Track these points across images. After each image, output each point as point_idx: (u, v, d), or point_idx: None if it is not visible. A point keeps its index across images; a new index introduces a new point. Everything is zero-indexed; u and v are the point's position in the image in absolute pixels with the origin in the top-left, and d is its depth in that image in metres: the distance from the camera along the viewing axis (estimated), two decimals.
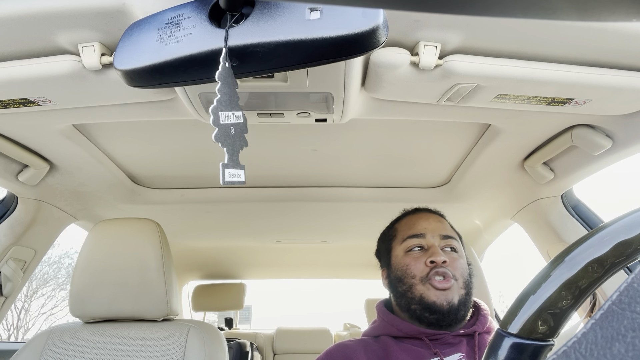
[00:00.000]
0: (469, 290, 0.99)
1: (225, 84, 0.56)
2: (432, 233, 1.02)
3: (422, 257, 0.99)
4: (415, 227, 1.04)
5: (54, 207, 1.48)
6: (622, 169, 47.96)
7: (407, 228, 1.06)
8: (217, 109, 0.56)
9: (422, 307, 0.95)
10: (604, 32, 0.70)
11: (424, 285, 0.96)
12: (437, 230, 1.03)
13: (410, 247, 1.01)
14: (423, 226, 1.04)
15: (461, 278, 0.97)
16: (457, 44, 0.73)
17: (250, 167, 1.39)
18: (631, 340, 0.23)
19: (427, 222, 1.05)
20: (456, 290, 0.95)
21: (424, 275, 0.96)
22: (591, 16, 0.24)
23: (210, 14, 0.59)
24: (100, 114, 0.93)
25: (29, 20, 0.66)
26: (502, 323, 0.38)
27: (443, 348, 0.93)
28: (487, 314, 1.02)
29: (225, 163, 0.55)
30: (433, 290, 0.94)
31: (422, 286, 0.96)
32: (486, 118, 0.99)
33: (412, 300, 0.97)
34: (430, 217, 1.07)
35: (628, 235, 0.34)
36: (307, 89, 0.80)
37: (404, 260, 1.01)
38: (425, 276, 0.96)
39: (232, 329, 3.35)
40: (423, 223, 1.05)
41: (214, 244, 2.29)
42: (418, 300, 0.95)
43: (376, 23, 0.53)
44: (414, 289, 0.97)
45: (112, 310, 1.15)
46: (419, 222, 1.05)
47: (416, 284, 0.96)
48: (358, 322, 3.51)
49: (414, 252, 1.01)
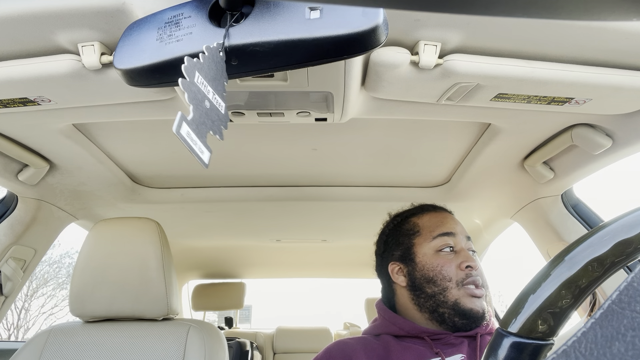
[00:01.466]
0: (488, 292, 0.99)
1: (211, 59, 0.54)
2: (460, 234, 1.00)
3: (454, 259, 0.96)
4: (445, 225, 1.01)
5: (54, 207, 1.48)
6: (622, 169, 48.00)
7: (434, 225, 1.02)
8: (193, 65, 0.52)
9: (454, 312, 0.93)
10: (604, 32, 0.70)
11: (459, 290, 0.93)
12: (462, 232, 1.01)
13: (442, 247, 0.98)
14: (451, 225, 1.01)
15: (486, 284, 0.97)
16: (457, 43, 0.73)
17: (250, 167, 1.39)
18: (631, 339, 0.23)
19: (453, 221, 1.03)
20: (484, 298, 0.95)
21: (459, 279, 0.94)
22: (591, 15, 0.24)
23: (210, 13, 0.59)
24: (100, 113, 0.93)
25: (29, 20, 0.66)
26: (502, 322, 0.38)
27: (445, 348, 0.93)
28: (489, 315, 1.01)
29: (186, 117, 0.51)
30: (469, 297, 0.93)
31: (457, 291, 0.93)
32: (486, 117, 0.99)
33: (444, 303, 0.94)
34: (452, 217, 1.05)
35: (628, 235, 0.34)
36: (307, 88, 0.80)
37: (435, 260, 0.97)
38: (461, 281, 0.94)
39: (232, 329, 3.36)
40: (450, 222, 1.02)
41: (214, 243, 2.29)
42: (452, 304, 0.93)
43: (376, 22, 0.53)
44: (449, 293, 0.94)
45: (112, 309, 1.15)
46: (447, 221, 1.02)
47: (452, 288, 0.94)
48: (358, 321, 3.52)
49: (445, 253, 0.98)
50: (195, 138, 0.51)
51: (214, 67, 0.55)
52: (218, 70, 0.56)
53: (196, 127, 0.52)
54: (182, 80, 0.51)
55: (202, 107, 0.53)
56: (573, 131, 1.04)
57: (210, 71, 0.55)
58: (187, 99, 0.51)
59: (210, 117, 0.55)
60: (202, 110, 0.53)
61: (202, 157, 0.52)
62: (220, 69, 0.56)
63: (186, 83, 0.51)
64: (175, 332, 1.15)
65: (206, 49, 0.54)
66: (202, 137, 0.53)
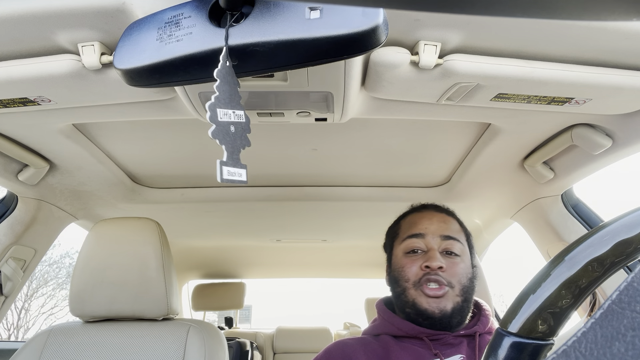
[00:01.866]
0: (468, 297, 0.96)
1: (224, 82, 0.56)
2: (433, 234, 0.99)
3: (419, 260, 0.96)
4: (417, 227, 1.02)
5: (54, 207, 1.48)
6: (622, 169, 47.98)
7: (408, 226, 1.04)
8: (214, 106, 0.55)
9: (414, 311, 0.94)
10: (604, 32, 0.70)
11: (416, 290, 0.94)
12: (438, 231, 0.99)
13: (410, 249, 0.99)
14: (424, 226, 1.01)
15: (458, 285, 0.94)
16: (457, 43, 0.73)
17: (250, 167, 1.39)
18: (631, 339, 0.23)
19: (429, 221, 1.02)
20: (450, 297, 0.92)
21: (417, 280, 0.94)
22: (591, 15, 0.24)
23: (210, 13, 0.59)
24: (100, 113, 0.93)
25: (29, 20, 0.66)
26: (502, 322, 0.38)
27: (444, 349, 0.93)
28: (488, 314, 1.01)
29: (223, 161, 0.54)
30: (424, 297, 0.92)
31: (414, 291, 0.94)
32: (486, 117, 0.99)
33: (406, 303, 0.96)
34: (434, 216, 1.04)
35: (628, 235, 0.34)
36: (307, 88, 0.80)
37: (401, 261, 0.99)
38: (417, 281, 0.94)
39: (232, 329, 3.36)
40: (425, 222, 1.02)
41: (214, 243, 2.29)
42: (411, 304, 0.95)
43: (376, 22, 0.53)
44: (407, 293, 0.95)
45: (112, 309, 1.15)
46: (422, 222, 1.03)
47: (409, 288, 0.95)
48: (358, 321, 3.52)
49: (413, 254, 0.99)
50: (234, 169, 0.55)
51: (228, 89, 0.57)
52: (232, 88, 0.57)
53: (232, 161, 0.55)
54: (213, 130, 0.54)
55: (229, 136, 0.56)
56: (573, 131, 1.04)
57: (225, 94, 0.56)
58: (220, 143, 0.54)
59: (238, 136, 0.57)
60: (230, 138, 0.56)
61: (242, 179, 0.55)
62: (233, 84, 0.57)
63: (217, 131, 0.54)
64: (175, 332, 1.15)
65: (217, 75, 0.55)
66: (238, 164, 0.55)
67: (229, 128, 0.56)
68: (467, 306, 0.96)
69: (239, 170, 0.55)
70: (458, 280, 0.94)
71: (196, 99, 0.83)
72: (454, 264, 0.96)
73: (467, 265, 0.99)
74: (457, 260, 0.97)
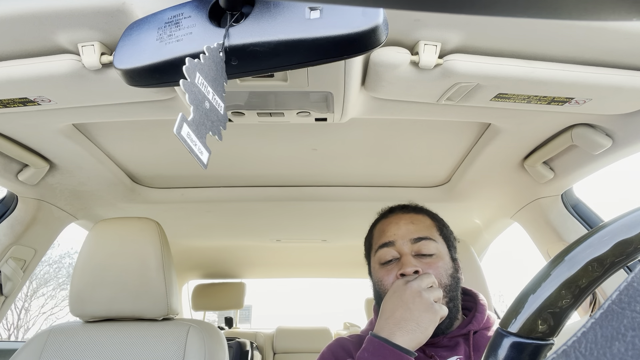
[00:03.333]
0: (452, 295, 0.93)
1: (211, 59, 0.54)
2: (403, 239, 0.95)
3: (394, 269, 0.93)
4: (385, 235, 0.98)
5: (54, 207, 1.48)
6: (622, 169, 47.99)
7: (378, 236, 1.01)
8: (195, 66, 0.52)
9: None
10: (604, 32, 0.70)
11: None
12: (407, 235, 0.96)
13: (383, 260, 0.96)
14: (392, 232, 0.97)
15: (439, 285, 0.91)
16: (457, 43, 0.73)
17: (250, 167, 1.39)
18: (631, 339, 0.23)
19: (396, 226, 0.98)
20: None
21: None
22: (591, 15, 0.24)
23: (210, 13, 0.59)
24: (100, 113, 0.93)
25: (29, 20, 0.66)
26: (502, 322, 0.38)
27: (439, 351, 0.91)
28: (484, 309, 0.97)
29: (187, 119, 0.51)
30: None
31: None
32: (486, 117, 0.99)
33: None
34: (400, 220, 1.00)
35: (628, 235, 0.34)
36: (307, 88, 0.80)
37: (378, 273, 0.97)
38: None
39: (232, 328, 3.36)
40: (392, 228, 0.98)
41: (214, 243, 2.29)
42: None
43: (376, 22, 0.53)
44: None
45: (112, 309, 1.15)
46: (389, 228, 0.99)
47: None
48: (358, 321, 3.52)
49: (387, 265, 0.96)
50: (195, 139, 0.52)
51: (214, 68, 0.55)
52: (218, 71, 0.56)
53: (196, 128, 0.52)
54: (183, 80, 0.51)
55: (202, 108, 0.53)
56: (573, 131, 1.04)
57: (211, 72, 0.55)
58: (188, 99, 0.51)
59: (209, 117, 0.55)
60: (202, 111, 0.53)
61: (202, 157, 0.52)
62: (220, 69, 0.56)
63: (187, 84, 0.51)
64: (175, 332, 1.15)
65: (207, 50, 0.54)
66: (202, 138, 0.53)
67: (203, 101, 0.54)
68: (454, 306, 0.93)
69: (201, 146, 0.52)
70: (438, 281, 0.91)
71: None
72: (429, 265, 0.92)
73: (445, 261, 0.95)
74: (432, 260, 0.93)
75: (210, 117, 0.55)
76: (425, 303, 0.82)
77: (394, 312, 0.83)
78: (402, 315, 0.82)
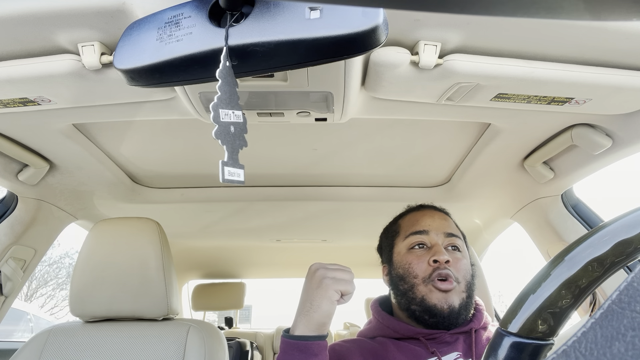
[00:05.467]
0: (471, 293, 0.96)
1: (225, 82, 0.56)
2: (436, 231, 0.99)
3: (425, 255, 0.96)
4: (419, 224, 1.02)
5: (54, 207, 1.48)
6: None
7: (410, 224, 1.04)
8: (217, 106, 0.56)
9: (422, 308, 0.93)
10: (604, 32, 0.70)
11: (426, 286, 0.93)
12: (441, 228, 1.00)
13: (413, 244, 0.99)
14: (427, 223, 1.01)
15: (463, 280, 0.95)
16: (457, 43, 0.73)
17: (250, 166, 1.39)
18: (631, 339, 0.23)
19: (431, 219, 1.03)
20: (457, 293, 0.92)
21: (426, 275, 0.94)
22: (591, 15, 0.24)
23: (210, 13, 0.59)
24: (100, 113, 0.93)
25: (29, 20, 0.66)
26: (502, 322, 0.38)
27: (440, 347, 0.93)
28: (482, 309, 1.01)
29: (225, 161, 0.55)
30: (435, 292, 0.92)
31: (424, 287, 0.93)
32: (486, 117, 0.99)
33: (413, 300, 0.94)
34: (435, 214, 1.04)
35: (628, 235, 0.34)
36: (307, 88, 0.80)
37: (406, 258, 0.99)
38: (427, 277, 0.93)
39: (232, 328, 3.36)
40: (427, 220, 1.02)
41: (214, 243, 2.29)
42: (419, 301, 0.93)
43: (376, 22, 0.53)
44: (416, 290, 0.94)
45: (112, 309, 1.15)
46: (423, 219, 1.03)
47: (418, 284, 0.94)
48: (358, 321, 3.52)
49: (416, 250, 0.98)
50: (234, 170, 0.56)
51: (228, 89, 0.57)
52: (232, 88, 0.58)
53: (232, 161, 0.56)
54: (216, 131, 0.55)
55: (230, 137, 0.57)
56: (573, 131, 1.04)
57: (226, 95, 0.57)
58: (221, 143, 0.55)
59: (237, 136, 0.58)
60: (230, 138, 0.57)
61: (240, 179, 0.56)
62: (233, 84, 0.58)
63: (219, 131, 0.55)
64: (175, 332, 1.15)
65: (219, 75, 0.56)
66: (237, 164, 0.56)
67: (229, 128, 0.57)
68: (470, 303, 0.96)
69: (238, 170, 0.56)
70: (463, 276, 0.95)
71: (196, 99, 0.83)
72: (458, 259, 0.97)
73: (469, 262, 1.00)
74: (459, 255, 0.98)
75: (237, 134, 0.58)
76: (317, 280, 0.81)
77: (300, 300, 0.85)
78: (302, 299, 0.84)
